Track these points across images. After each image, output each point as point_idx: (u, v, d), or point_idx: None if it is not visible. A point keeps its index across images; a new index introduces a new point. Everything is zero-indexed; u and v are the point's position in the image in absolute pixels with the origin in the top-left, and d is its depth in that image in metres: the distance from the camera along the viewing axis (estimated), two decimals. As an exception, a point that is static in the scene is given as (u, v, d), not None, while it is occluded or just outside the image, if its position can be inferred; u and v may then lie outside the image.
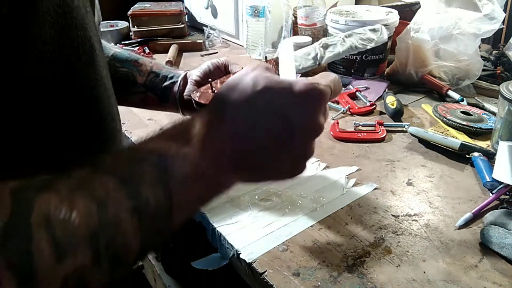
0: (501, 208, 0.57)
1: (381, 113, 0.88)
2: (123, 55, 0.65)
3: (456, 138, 0.75)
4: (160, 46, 1.28)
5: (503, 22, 1.07)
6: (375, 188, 0.63)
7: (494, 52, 1.08)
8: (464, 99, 0.89)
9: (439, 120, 0.83)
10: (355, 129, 0.82)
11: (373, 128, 0.81)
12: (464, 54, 0.93)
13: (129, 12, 1.31)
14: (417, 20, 0.97)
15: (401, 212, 0.58)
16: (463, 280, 0.47)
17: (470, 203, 0.60)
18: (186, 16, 1.39)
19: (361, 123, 0.82)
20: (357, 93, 0.95)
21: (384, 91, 0.95)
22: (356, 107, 0.88)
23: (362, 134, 0.78)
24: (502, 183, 0.60)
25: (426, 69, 0.97)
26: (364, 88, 0.97)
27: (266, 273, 0.48)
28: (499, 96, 0.70)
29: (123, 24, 1.36)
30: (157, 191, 0.31)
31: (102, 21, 1.33)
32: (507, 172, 0.60)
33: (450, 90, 0.92)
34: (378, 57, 1.00)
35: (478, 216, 0.56)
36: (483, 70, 0.97)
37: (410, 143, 0.76)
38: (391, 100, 0.87)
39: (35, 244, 0.24)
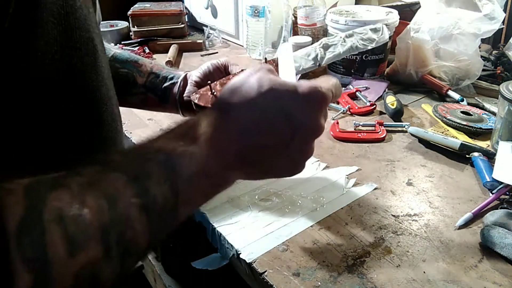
0: (501, 208, 0.57)
1: (381, 113, 0.88)
2: (123, 56, 0.65)
3: (456, 138, 0.75)
4: (160, 46, 1.28)
5: (503, 22, 1.07)
6: (375, 188, 0.63)
7: (494, 52, 1.08)
8: (464, 99, 0.89)
9: (439, 120, 0.83)
10: (355, 129, 0.82)
11: (373, 128, 0.81)
12: (464, 54, 0.93)
13: (129, 12, 1.31)
14: (417, 20, 0.97)
15: (401, 212, 0.59)
16: (463, 280, 0.47)
17: (470, 203, 0.60)
18: (186, 16, 1.39)
19: (361, 123, 0.82)
20: (357, 93, 0.95)
21: (384, 91, 0.95)
22: (356, 107, 0.88)
23: (362, 134, 0.78)
24: (502, 183, 0.60)
25: (426, 69, 0.97)
26: (364, 88, 0.97)
27: (266, 273, 0.48)
28: (499, 96, 0.70)
29: (123, 24, 1.36)
30: (164, 188, 0.32)
31: (102, 21, 1.33)
32: (507, 172, 0.60)
33: (450, 90, 0.92)
34: (378, 57, 1.00)
35: (478, 216, 0.57)
36: (483, 70, 0.97)
37: (410, 143, 0.76)
38: (391, 100, 0.87)
39: (49, 238, 0.25)
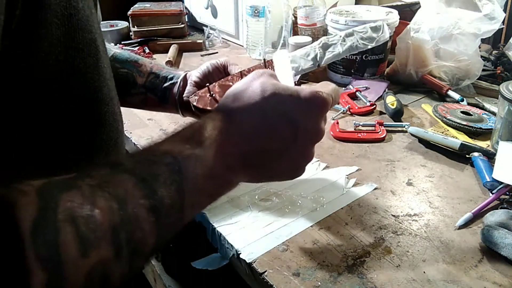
0: (501, 208, 0.57)
1: (381, 113, 0.88)
2: (123, 56, 0.65)
3: (456, 138, 0.75)
4: (160, 46, 1.28)
5: (503, 22, 1.07)
6: (375, 188, 0.63)
7: (494, 52, 1.08)
8: (464, 99, 0.89)
9: (439, 120, 0.83)
10: (355, 129, 0.82)
11: (373, 128, 0.81)
12: (464, 54, 0.93)
13: (129, 12, 1.31)
14: (417, 20, 0.97)
15: (401, 212, 0.58)
16: (463, 280, 0.47)
17: (470, 203, 0.60)
18: (186, 16, 1.39)
19: (361, 123, 0.82)
20: (357, 93, 0.95)
21: (384, 91, 0.95)
22: (356, 107, 0.88)
23: (362, 134, 0.78)
24: (502, 183, 0.60)
25: (426, 69, 0.97)
26: (364, 88, 0.97)
27: (266, 273, 0.48)
28: (499, 96, 0.70)
29: (123, 24, 1.36)
30: (171, 190, 0.33)
31: (102, 21, 1.33)
32: (507, 172, 0.60)
33: (450, 90, 0.92)
34: (378, 57, 1.00)
35: (478, 216, 0.57)
36: (483, 70, 0.97)
37: (410, 143, 0.76)
38: (391, 100, 0.87)
39: (62, 238, 0.25)
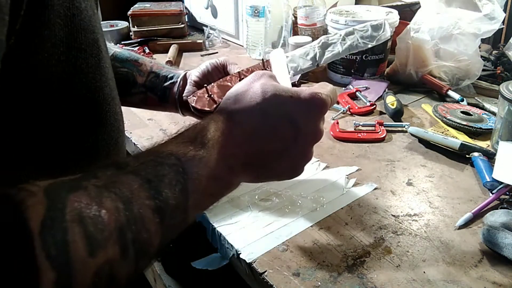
0: (501, 208, 0.57)
1: (381, 113, 0.88)
2: (123, 55, 0.65)
3: (456, 138, 0.75)
4: (160, 46, 1.28)
5: (503, 22, 1.07)
6: (375, 188, 0.63)
7: (494, 52, 1.08)
8: (464, 99, 0.89)
9: (439, 120, 0.83)
10: (355, 129, 0.82)
11: (373, 128, 0.81)
12: (464, 54, 0.93)
13: (129, 12, 1.31)
14: (417, 20, 0.97)
15: (401, 212, 0.58)
16: (463, 280, 0.47)
17: (470, 203, 0.60)
18: (186, 16, 1.39)
19: (361, 123, 0.82)
20: (357, 93, 0.95)
21: (384, 91, 0.95)
22: (356, 107, 0.88)
23: (362, 134, 0.78)
24: (502, 183, 0.60)
25: (426, 69, 0.97)
26: (364, 88, 0.97)
27: (266, 273, 0.48)
28: (499, 96, 0.70)
29: (123, 24, 1.36)
30: (175, 191, 0.34)
31: (102, 21, 1.33)
32: (507, 172, 0.60)
33: (450, 90, 0.92)
34: (378, 57, 1.00)
35: (478, 216, 0.56)
36: (483, 70, 0.97)
37: (410, 143, 0.76)
38: (391, 100, 0.87)
39: (70, 238, 0.26)
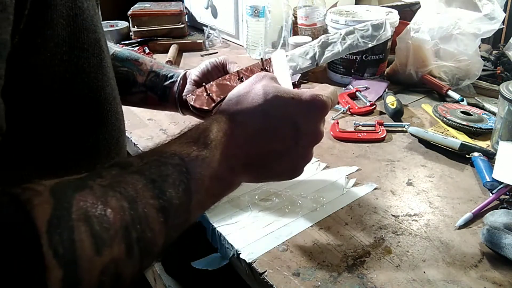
0: (501, 208, 0.57)
1: (381, 113, 0.88)
2: (123, 54, 0.65)
3: (456, 138, 0.75)
4: (160, 46, 1.28)
5: (503, 22, 1.07)
6: (375, 188, 0.63)
7: (494, 52, 1.08)
8: (464, 99, 0.89)
9: (439, 120, 0.83)
10: (355, 129, 0.82)
11: (373, 128, 0.80)
12: (464, 54, 0.93)
13: (129, 12, 1.31)
14: (417, 20, 0.97)
15: (401, 212, 0.58)
16: (463, 280, 0.47)
17: (470, 203, 0.60)
18: (186, 16, 1.39)
19: (361, 123, 0.82)
20: (357, 93, 0.95)
21: (384, 91, 0.95)
22: (356, 107, 0.88)
23: (362, 134, 0.78)
24: (502, 183, 0.60)
25: (426, 69, 0.97)
26: (364, 88, 0.97)
27: (266, 273, 0.48)
28: (499, 96, 0.70)
29: (123, 24, 1.36)
30: (179, 191, 0.34)
31: (102, 21, 1.33)
32: (507, 172, 0.60)
33: (450, 90, 0.92)
34: (378, 57, 1.00)
35: (478, 216, 0.56)
36: (483, 70, 0.97)
37: (410, 143, 0.76)
38: (391, 100, 0.87)
39: (77, 236, 0.26)
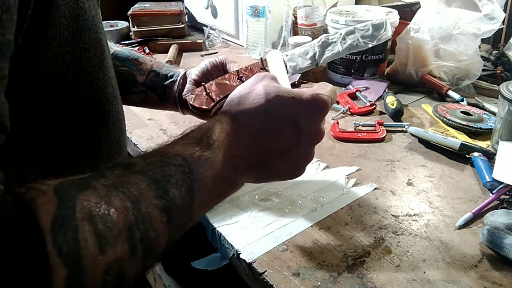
0: (501, 208, 0.57)
1: (381, 113, 0.88)
2: (123, 54, 0.65)
3: (456, 138, 0.75)
4: (160, 46, 1.28)
5: (503, 22, 1.07)
6: (375, 188, 0.63)
7: (494, 52, 1.08)
8: (464, 99, 0.89)
9: (439, 120, 0.83)
10: (355, 129, 0.82)
11: (373, 128, 0.80)
12: (464, 54, 0.93)
13: (129, 12, 1.31)
14: (417, 20, 0.97)
15: (401, 212, 0.58)
16: (463, 280, 0.47)
17: (470, 203, 0.60)
18: (186, 16, 1.39)
19: (361, 123, 0.82)
20: (357, 93, 0.95)
21: (384, 91, 0.95)
22: (356, 107, 0.88)
23: (362, 134, 0.78)
24: (502, 183, 0.60)
25: (426, 69, 0.97)
26: (364, 88, 0.97)
27: (266, 273, 0.48)
28: (499, 96, 0.70)
29: (123, 24, 1.36)
30: (182, 191, 0.34)
31: (102, 21, 1.33)
32: (507, 172, 0.60)
33: (450, 90, 0.92)
34: (378, 57, 1.00)
35: (478, 216, 0.56)
36: (483, 70, 0.97)
37: (410, 143, 0.76)
38: (391, 100, 0.87)
39: (81, 235, 0.26)
